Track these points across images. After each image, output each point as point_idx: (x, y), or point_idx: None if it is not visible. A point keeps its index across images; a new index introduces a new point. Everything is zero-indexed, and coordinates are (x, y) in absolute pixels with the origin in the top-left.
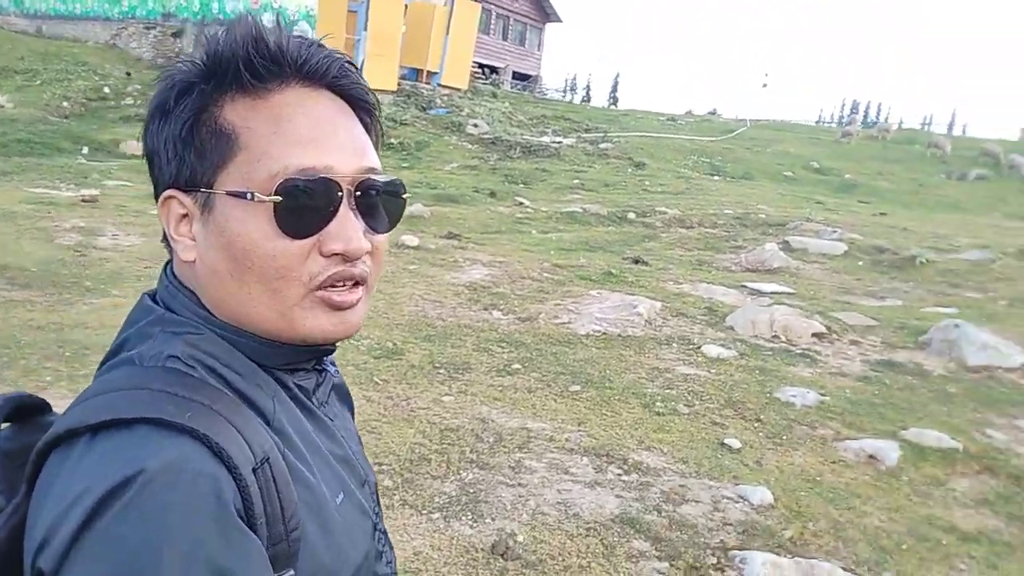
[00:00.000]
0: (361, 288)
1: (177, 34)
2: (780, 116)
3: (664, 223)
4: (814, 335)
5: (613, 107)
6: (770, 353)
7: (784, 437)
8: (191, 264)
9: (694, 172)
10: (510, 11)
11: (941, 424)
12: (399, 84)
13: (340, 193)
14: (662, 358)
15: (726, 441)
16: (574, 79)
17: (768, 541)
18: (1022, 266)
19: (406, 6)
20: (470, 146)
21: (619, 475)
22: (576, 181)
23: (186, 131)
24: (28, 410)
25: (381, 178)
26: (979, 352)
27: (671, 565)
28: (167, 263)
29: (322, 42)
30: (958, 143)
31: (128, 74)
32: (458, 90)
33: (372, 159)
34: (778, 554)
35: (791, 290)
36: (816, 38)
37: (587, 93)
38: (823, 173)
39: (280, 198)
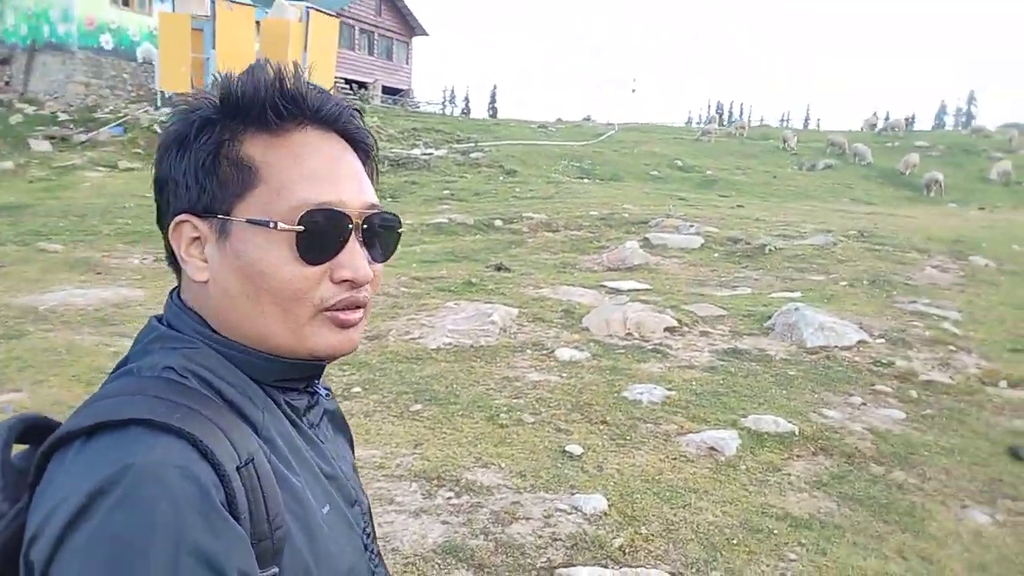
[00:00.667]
0: (362, 309)
1: (5, 61)
2: (651, 119)
3: (530, 228)
4: (666, 329)
5: (492, 118)
6: (623, 351)
7: (628, 437)
8: (202, 284)
9: (564, 176)
10: (375, 26)
11: (780, 408)
12: None
13: (350, 226)
14: (514, 366)
15: (568, 448)
16: (452, 92)
17: (596, 553)
18: (861, 247)
19: (258, 23)
20: None
21: (449, 499)
22: (446, 191)
23: (208, 162)
24: (42, 431)
25: (383, 213)
26: (817, 333)
27: None
28: (174, 288)
29: (331, 91)
30: (809, 136)
31: None
32: None
33: (374, 196)
34: (605, 566)
35: (648, 286)
36: (683, 43)
37: (467, 105)
38: (686, 171)
39: (302, 228)
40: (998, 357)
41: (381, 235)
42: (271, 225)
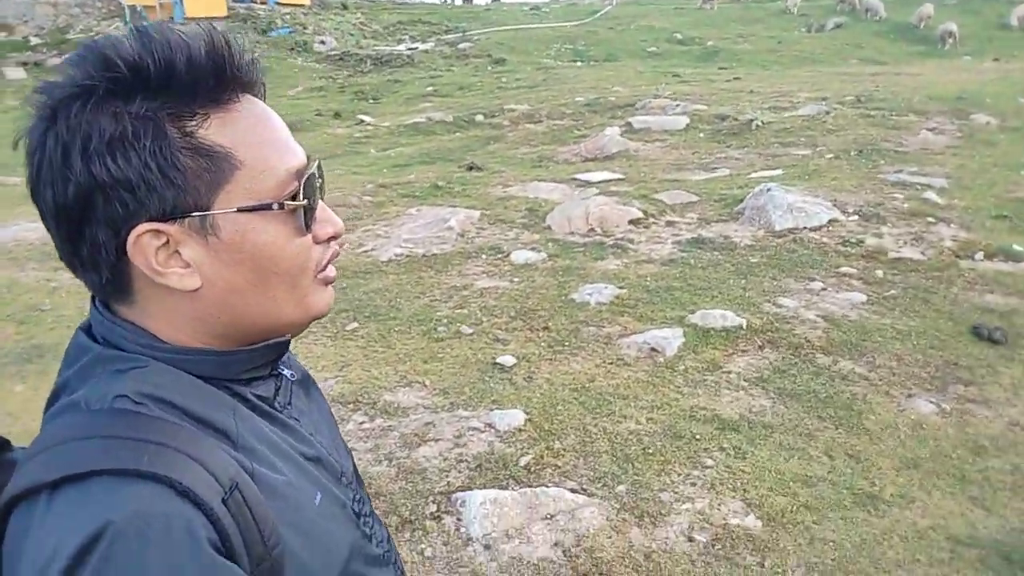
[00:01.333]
0: None
1: None
2: None
3: (512, 121)
4: (631, 222)
5: (493, 3)
6: (582, 249)
7: (567, 344)
8: (190, 293)
9: (556, 61)
10: None
11: (732, 300)
12: (231, 8)
13: (319, 181)
14: (464, 274)
15: (499, 360)
16: None
17: (499, 474)
18: (855, 114)
19: None
20: (317, 65)
21: (361, 423)
22: (430, 88)
23: (169, 159)
24: None
25: (318, 160)
26: (785, 215)
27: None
28: (93, 296)
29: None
30: None
31: None
32: (301, 6)
33: None
34: (504, 487)
35: (621, 176)
36: None
37: None
38: (686, 43)
39: (307, 201)
40: (979, 226)
41: (322, 179)
42: (275, 207)
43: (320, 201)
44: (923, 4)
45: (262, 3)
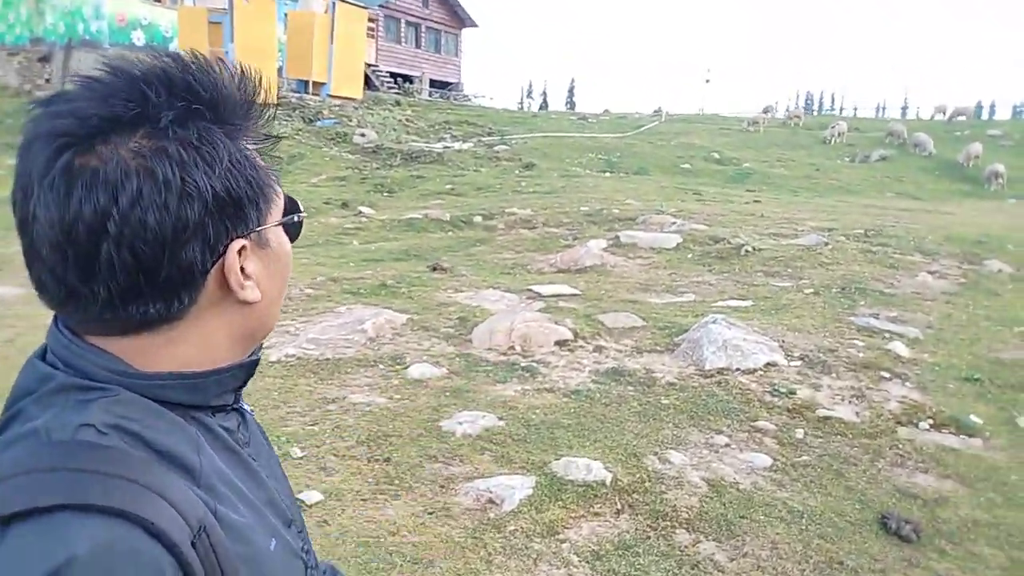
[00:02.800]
0: None
1: (46, 58)
2: (725, 111)
3: (507, 225)
4: (557, 343)
5: (571, 111)
6: (489, 369)
7: (397, 482)
8: (250, 306)
9: (585, 170)
10: (421, 18)
11: (614, 448)
12: (284, 97)
13: None
14: (346, 384)
15: (303, 495)
16: (530, 86)
17: None
18: (856, 248)
19: (286, 15)
20: (350, 156)
21: None
22: (448, 186)
23: (258, 176)
24: None
25: None
26: (719, 353)
27: None
28: (55, 317)
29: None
30: (872, 125)
31: None
32: (352, 100)
33: None
34: None
35: (577, 292)
36: (770, 32)
37: (544, 99)
38: (722, 163)
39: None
40: (940, 388)
41: None
42: (297, 218)
43: None
44: (972, 143)
45: (314, 94)
